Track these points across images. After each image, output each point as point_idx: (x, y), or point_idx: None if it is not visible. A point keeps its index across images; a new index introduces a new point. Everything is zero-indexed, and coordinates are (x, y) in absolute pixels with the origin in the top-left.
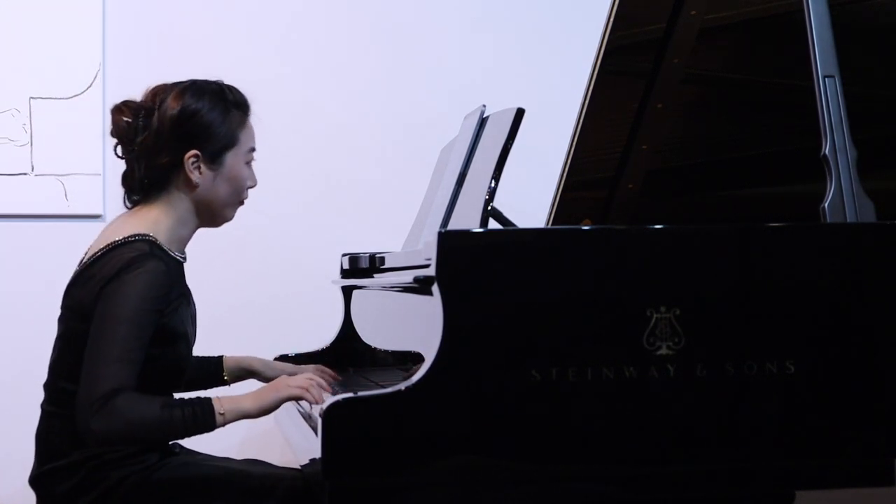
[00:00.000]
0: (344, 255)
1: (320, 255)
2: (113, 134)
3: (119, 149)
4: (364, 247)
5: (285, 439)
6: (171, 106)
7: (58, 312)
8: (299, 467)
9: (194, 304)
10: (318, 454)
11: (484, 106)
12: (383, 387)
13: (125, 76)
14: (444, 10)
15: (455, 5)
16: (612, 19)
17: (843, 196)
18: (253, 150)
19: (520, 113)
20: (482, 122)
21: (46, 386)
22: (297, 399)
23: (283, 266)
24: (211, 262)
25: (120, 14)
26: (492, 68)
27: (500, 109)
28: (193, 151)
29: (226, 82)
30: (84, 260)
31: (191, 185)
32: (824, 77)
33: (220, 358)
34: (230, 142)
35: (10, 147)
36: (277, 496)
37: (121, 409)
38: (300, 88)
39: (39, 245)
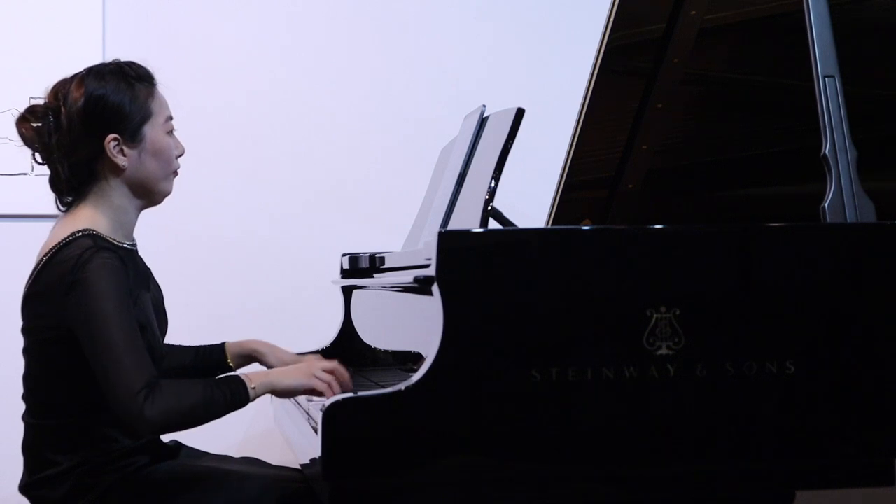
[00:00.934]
0: (344, 255)
1: (320, 255)
2: (25, 144)
3: (37, 156)
4: (364, 247)
5: (285, 439)
6: (75, 98)
7: None
8: (299, 467)
9: (158, 288)
10: (318, 454)
11: (484, 106)
12: (383, 387)
13: None
14: (444, 11)
15: (455, 5)
16: (612, 19)
17: (843, 196)
18: (170, 118)
19: (520, 113)
20: (482, 122)
21: (25, 398)
22: (318, 393)
23: (283, 266)
24: (211, 262)
25: (120, 14)
26: (492, 68)
27: (500, 109)
28: (112, 135)
29: (123, 60)
30: (32, 273)
31: (118, 170)
32: (824, 77)
33: (223, 345)
34: (144, 115)
35: (10, 147)
36: (277, 496)
37: (168, 392)
38: (300, 88)
39: (39, 245)
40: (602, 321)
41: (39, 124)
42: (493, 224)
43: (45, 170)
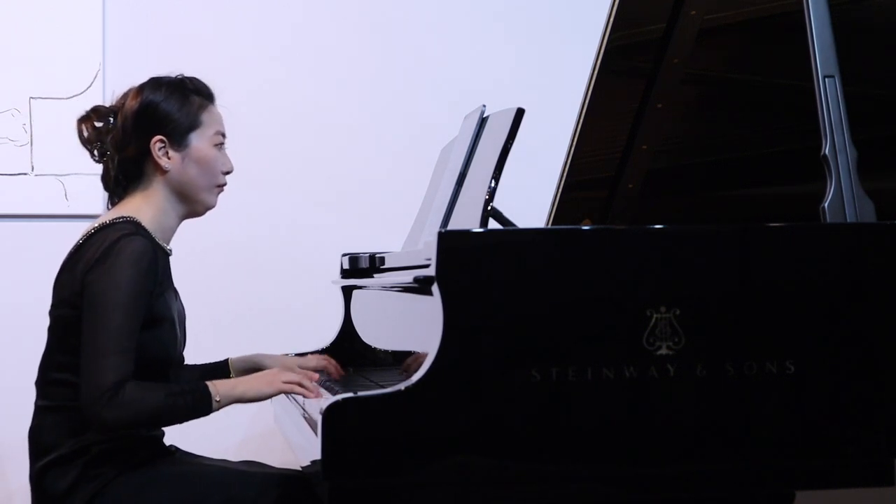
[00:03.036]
0: (344, 255)
1: (320, 255)
2: (81, 142)
3: (94, 155)
4: (364, 247)
5: (285, 439)
6: (132, 101)
7: None
8: (299, 468)
9: (182, 305)
10: (318, 454)
11: (484, 106)
12: (383, 387)
13: (125, 76)
14: (444, 11)
15: (455, 6)
16: (612, 19)
17: (843, 196)
18: (221, 134)
19: (520, 113)
20: (482, 122)
21: (37, 383)
22: (287, 393)
23: (283, 266)
24: (211, 263)
25: (120, 14)
26: (492, 68)
27: (500, 109)
28: (158, 137)
29: (188, 74)
30: (71, 250)
31: (162, 172)
32: (824, 77)
33: (225, 361)
34: (193, 124)
35: (10, 147)
36: (277, 495)
37: (130, 399)
38: (300, 88)
39: (39, 245)
40: (602, 321)
41: (101, 124)
42: (493, 224)
43: (45, 170)
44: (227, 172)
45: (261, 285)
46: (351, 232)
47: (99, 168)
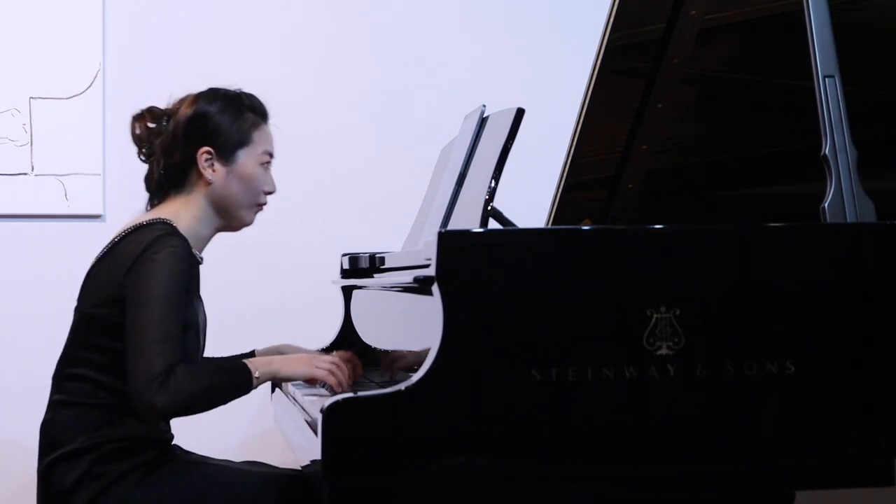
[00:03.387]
0: (344, 255)
1: (320, 255)
2: (133, 140)
3: (141, 154)
4: (364, 247)
5: (285, 439)
6: (187, 108)
7: (57, 312)
8: (300, 468)
9: (206, 314)
10: (318, 454)
11: (484, 106)
12: (383, 387)
13: (125, 76)
14: (444, 11)
15: (455, 6)
16: (612, 19)
17: (843, 196)
18: (269, 154)
19: (520, 113)
20: (482, 122)
21: (54, 377)
22: (321, 380)
23: (283, 266)
24: (211, 263)
25: (120, 14)
26: (492, 68)
27: (500, 109)
28: (206, 148)
29: (246, 90)
30: (104, 248)
31: (205, 183)
32: (824, 77)
33: (252, 353)
34: (242, 140)
35: (10, 147)
36: (277, 495)
37: (181, 383)
38: (300, 88)
39: (39, 245)
40: (602, 321)
41: (153, 125)
42: (493, 224)
43: (45, 170)
44: (270, 192)
45: (261, 285)
46: (351, 232)
47: (99, 168)
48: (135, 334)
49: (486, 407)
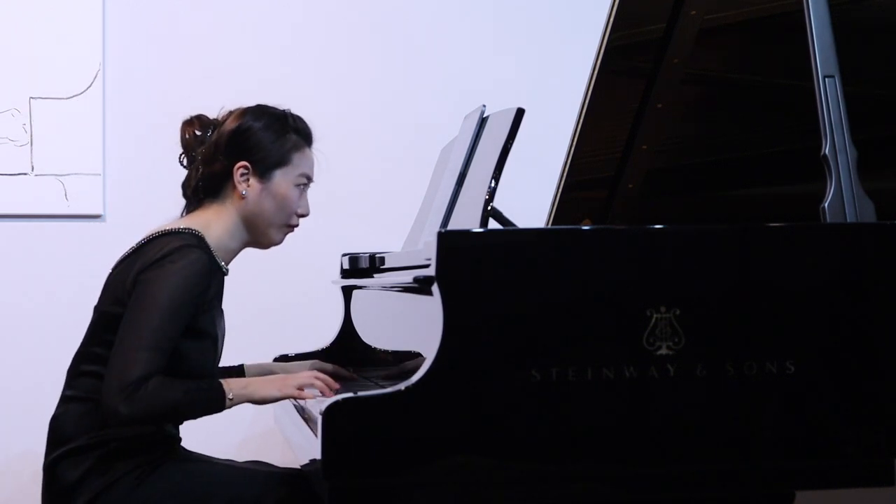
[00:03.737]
0: (344, 255)
1: (320, 255)
2: (181, 144)
3: (184, 159)
4: (364, 247)
5: (285, 439)
6: (233, 122)
7: (57, 312)
8: (299, 467)
9: (225, 325)
10: (318, 454)
11: (484, 106)
12: (383, 387)
13: (125, 76)
14: (444, 11)
15: (455, 6)
16: (612, 19)
17: (843, 196)
18: (307, 177)
19: (520, 113)
20: (482, 122)
21: (69, 372)
22: (296, 398)
23: (283, 266)
24: None
25: (120, 14)
26: (492, 68)
27: (500, 109)
28: (243, 163)
29: (293, 112)
30: (131, 248)
31: (240, 196)
32: (824, 77)
33: (241, 367)
34: (281, 160)
35: (10, 147)
36: (278, 495)
37: (150, 395)
38: (300, 88)
39: (39, 245)
40: (602, 321)
41: (200, 133)
42: (493, 224)
43: (45, 170)
44: (303, 216)
45: (261, 285)
46: (351, 232)
47: (99, 168)
48: (125, 334)
49: (486, 407)
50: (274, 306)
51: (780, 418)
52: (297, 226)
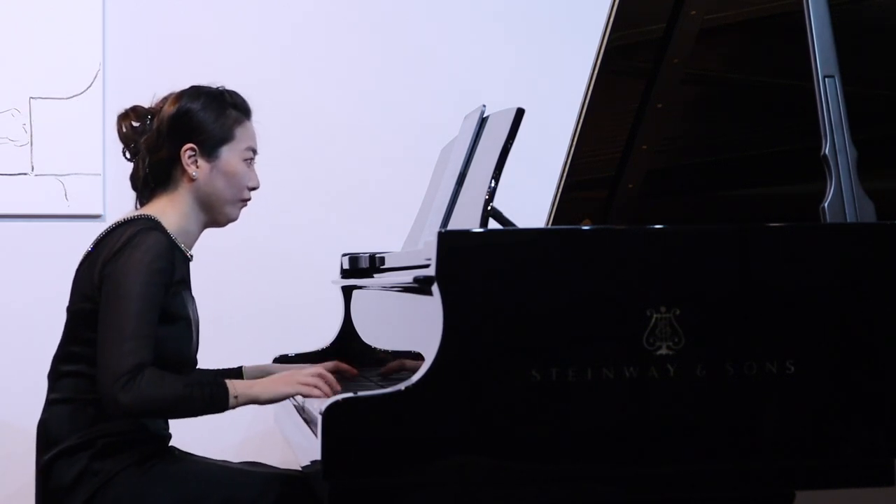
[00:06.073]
0: (344, 255)
1: (320, 255)
2: (119, 138)
3: (126, 152)
4: (364, 247)
5: (285, 439)
6: (170, 107)
7: (57, 312)
8: (300, 468)
9: (197, 312)
10: (318, 454)
11: (484, 106)
12: (383, 387)
13: (125, 76)
14: (444, 11)
15: (455, 6)
16: (612, 19)
17: (843, 196)
18: (252, 150)
19: (520, 113)
20: (482, 122)
21: (49, 375)
22: (304, 395)
23: (283, 266)
24: (211, 263)
25: (120, 14)
26: (492, 68)
27: (500, 109)
28: (189, 145)
29: (229, 88)
30: (90, 244)
31: (190, 179)
32: (824, 77)
33: (239, 369)
34: (225, 136)
35: (10, 147)
36: (277, 495)
37: (147, 384)
38: (300, 89)
39: (39, 245)
40: (602, 321)
41: (137, 124)
42: (493, 224)
43: (45, 170)
44: (253, 188)
45: (261, 285)
46: (351, 232)
47: (99, 168)
48: (106, 329)
49: (485, 407)
50: (274, 306)
51: (780, 418)
52: (249, 199)
